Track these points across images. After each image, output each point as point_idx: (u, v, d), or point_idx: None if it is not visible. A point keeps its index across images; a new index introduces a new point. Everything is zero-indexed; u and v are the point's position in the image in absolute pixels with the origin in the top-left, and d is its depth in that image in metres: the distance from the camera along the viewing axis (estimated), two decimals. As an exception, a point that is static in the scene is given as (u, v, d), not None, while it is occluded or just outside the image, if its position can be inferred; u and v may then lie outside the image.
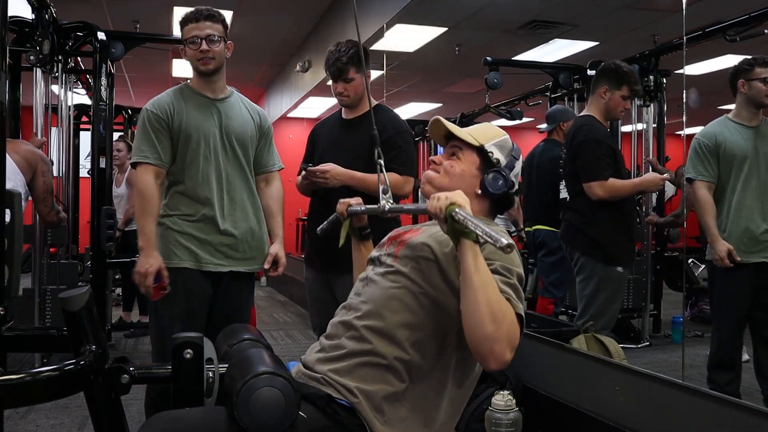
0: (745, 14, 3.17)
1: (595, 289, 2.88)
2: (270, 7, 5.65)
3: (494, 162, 1.50)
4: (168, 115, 2.30)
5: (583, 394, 2.25)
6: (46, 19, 3.77)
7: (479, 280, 1.23)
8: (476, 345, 1.24)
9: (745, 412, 1.66)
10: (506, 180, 1.48)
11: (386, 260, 1.49)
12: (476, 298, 1.23)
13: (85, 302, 1.27)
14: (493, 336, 1.21)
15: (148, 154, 2.27)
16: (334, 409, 1.34)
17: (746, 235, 2.60)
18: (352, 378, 1.37)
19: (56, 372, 1.27)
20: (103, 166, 4.12)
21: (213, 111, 2.37)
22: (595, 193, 2.78)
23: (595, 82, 2.97)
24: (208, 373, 1.33)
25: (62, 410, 3.14)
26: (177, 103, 2.33)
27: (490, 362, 1.24)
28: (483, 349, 1.23)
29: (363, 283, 1.52)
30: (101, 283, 4.03)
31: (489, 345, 1.22)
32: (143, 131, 2.30)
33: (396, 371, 1.37)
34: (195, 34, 2.28)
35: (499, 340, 1.22)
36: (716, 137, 2.65)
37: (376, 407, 1.35)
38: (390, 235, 1.60)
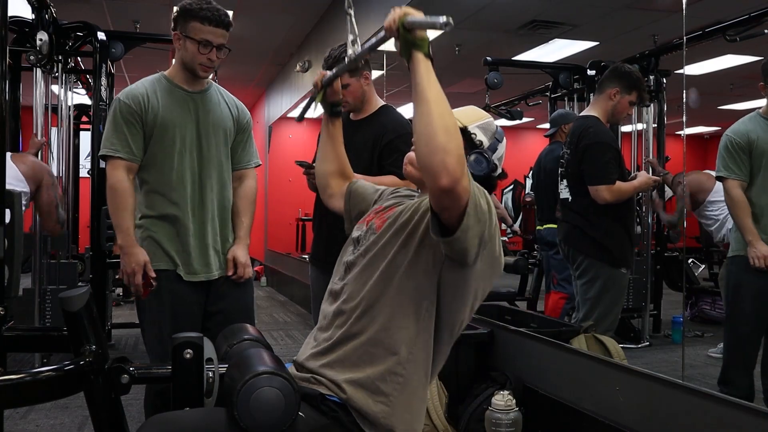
0: (745, 14, 3.17)
1: (600, 291, 2.86)
2: (270, 7, 5.65)
3: (477, 143, 1.49)
4: (142, 108, 2.16)
5: (583, 394, 2.25)
6: (46, 19, 3.77)
7: (432, 93, 1.23)
8: (429, 159, 1.21)
9: (745, 412, 1.66)
10: (488, 162, 1.47)
11: (368, 237, 1.48)
12: (429, 110, 1.22)
13: (85, 302, 1.27)
14: (446, 147, 1.20)
15: (119, 148, 2.14)
16: (328, 406, 1.34)
17: None
18: (342, 370, 1.36)
19: (56, 372, 1.27)
20: (103, 166, 4.11)
21: (190, 104, 2.23)
22: (602, 197, 2.77)
23: (605, 83, 2.92)
24: (208, 373, 1.33)
25: (62, 410, 3.14)
26: (152, 95, 2.19)
27: (442, 177, 1.19)
28: (436, 163, 1.20)
29: (344, 267, 1.50)
30: (101, 283, 4.03)
31: (441, 157, 1.19)
32: (114, 123, 2.15)
33: (384, 347, 1.36)
34: (210, 39, 2.15)
35: (452, 153, 1.20)
36: (748, 135, 2.55)
37: (371, 391, 1.34)
38: (367, 216, 1.58)
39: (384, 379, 1.34)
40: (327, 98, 1.74)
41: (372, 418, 1.33)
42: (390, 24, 1.27)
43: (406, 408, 1.36)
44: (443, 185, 1.19)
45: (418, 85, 1.25)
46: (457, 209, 1.23)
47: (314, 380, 1.38)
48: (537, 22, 4.98)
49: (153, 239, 2.17)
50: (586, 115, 2.98)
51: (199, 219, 2.21)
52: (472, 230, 1.25)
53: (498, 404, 2.32)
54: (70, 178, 4.80)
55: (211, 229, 2.23)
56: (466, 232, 1.24)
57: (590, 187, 2.79)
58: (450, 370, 2.52)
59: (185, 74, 2.24)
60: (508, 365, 2.61)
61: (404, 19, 1.25)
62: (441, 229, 1.26)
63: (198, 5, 2.14)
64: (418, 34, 1.26)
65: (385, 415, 1.33)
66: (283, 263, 7.75)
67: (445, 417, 2.47)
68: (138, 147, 2.16)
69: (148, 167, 2.19)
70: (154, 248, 2.17)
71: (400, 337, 1.35)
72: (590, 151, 2.82)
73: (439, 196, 1.23)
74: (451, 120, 1.24)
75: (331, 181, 1.79)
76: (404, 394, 1.35)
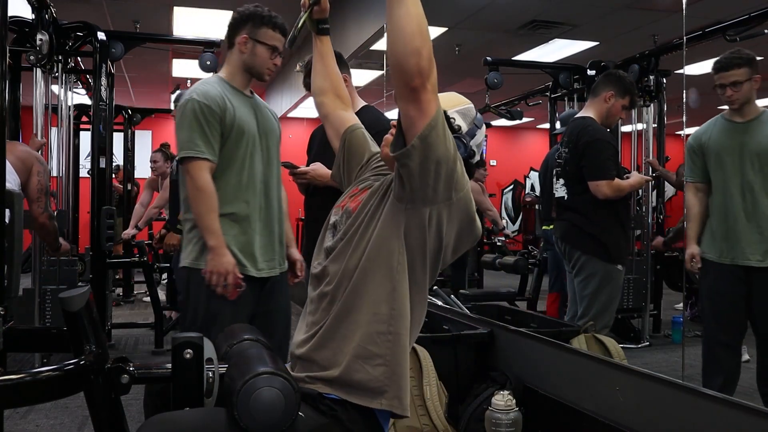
0: (745, 14, 3.16)
1: (597, 287, 2.91)
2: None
3: (455, 128, 1.49)
4: (221, 109, 2.16)
5: (583, 394, 2.25)
6: (46, 19, 3.77)
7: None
8: (404, 60, 1.25)
9: (745, 412, 1.66)
10: (466, 146, 1.48)
11: (344, 221, 1.49)
12: (407, 12, 1.25)
13: (85, 302, 1.27)
14: (420, 51, 1.24)
15: (204, 150, 2.12)
16: (327, 405, 1.34)
17: (729, 237, 2.56)
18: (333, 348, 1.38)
19: (56, 372, 1.27)
20: (103, 166, 4.12)
21: (250, 107, 2.28)
22: (602, 192, 2.84)
23: (600, 86, 3.01)
24: (208, 373, 1.33)
25: (62, 410, 3.14)
26: (225, 97, 2.19)
27: (415, 77, 1.24)
28: (411, 64, 1.24)
29: (324, 252, 1.51)
30: (101, 283, 4.03)
31: (416, 59, 1.24)
32: (196, 123, 2.12)
33: (366, 310, 1.37)
34: (278, 45, 2.25)
35: (425, 56, 1.24)
36: (701, 137, 2.64)
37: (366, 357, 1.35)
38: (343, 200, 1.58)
39: (374, 341, 1.36)
40: (314, 16, 1.75)
41: (376, 384, 1.35)
42: None
43: (400, 363, 1.38)
44: (416, 84, 1.24)
45: None
46: (424, 119, 1.26)
47: (309, 379, 1.39)
48: (537, 22, 4.99)
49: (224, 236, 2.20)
50: (583, 116, 3.05)
51: (264, 218, 2.27)
52: (431, 148, 1.27)
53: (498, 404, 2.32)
54: (70, 178, 4.80)
55: (277, 227, 2.32)
56: (423, 146, 1.27)
57: (590, 182, 2.86)
58: (450, 370, 2.52)
59: (243, 78, 2.27)
60: (508, 365, 2.61)
61: None
62: (403, 145, 1.30)
63: (267, 13, 2.23)
64: None
65: (387, 374, 1.35)
66: (283, 263, 7.73)
67: (445, 417, 2.47)
68: (217, 148, 2.16)
69: (222, 167, 2.19)
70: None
71: (379, 296, 1.37)
72: (591, 148, 2.90)
73: (408, 101, 1.27)
74: (425, 22, 1.27)
75: (325, 100, 1.79)
76: (397, 348, 1.37)
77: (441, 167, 1.30)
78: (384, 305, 1.37)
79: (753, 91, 2.50)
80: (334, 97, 1.78)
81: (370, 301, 1.37)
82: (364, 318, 1.37)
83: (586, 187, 2.88)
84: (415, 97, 1.25)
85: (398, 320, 1.38)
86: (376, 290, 1.37)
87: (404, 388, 1.38)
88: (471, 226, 1.42)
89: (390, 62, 1.29)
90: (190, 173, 2.13)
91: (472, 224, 1.42)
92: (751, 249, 2.49)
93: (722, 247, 2.56)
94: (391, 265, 1.37)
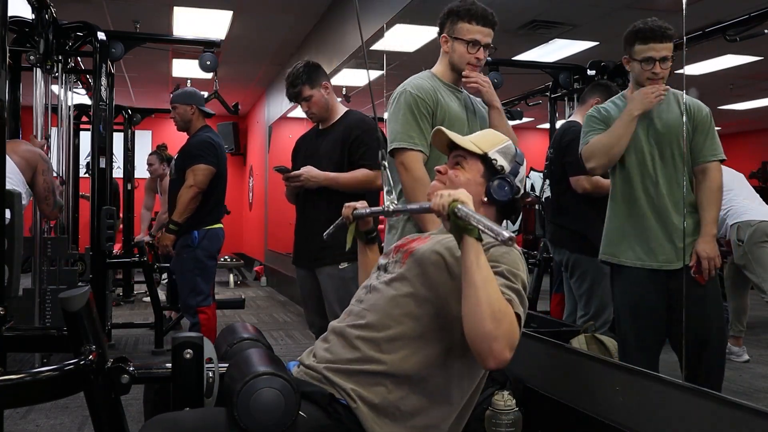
0: (745, 14, 3.16)
1: (592, 283, 2.95)
2: (270, 7, 5.65)
3: (498, 169, 1.50)
4: (434, 102, 2.15)
5: (583, 394, 2.25)
6: (46, 19, 3.77)
7: (481, 277, 1.24)
8: (476, 343, 1.24)
9: (745, 412, 1.66)
10: (511, 186, 1.49)
11: (393, 268, 1.49)
12: (477, 296, 1.23)
13: (85, 302, 1.27)
14: (493, 334, 1.21)
15: (418, 141, 2.11)
16: (335, 408, 1.34)
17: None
18: (350, 381, 1.37)
19: (56, 372, 1.27)
20: (103, 166, 4.12)
21: (463, 104, 2.25)
22: (582, 186, 2.90)
23: (587, 94, 3.15)
24: (208, 373, 1.33)
25: (62, 410, 3.14)
26: (437, 92, 2.18)
27: (489, 361, 1.24)
28: (482, 348, 1.23)
29: (366, 290, 1.52)
30: (101, 283, 4.03)
31: (489, 344, 1.22)
32: (410, 115, 2.11)
33: (392, 379, 1.37)
34: (478, 38, 2.16)
35: (499, 339, 1.22)
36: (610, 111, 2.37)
37: (375, 412, 1.35)
38: (397, 244, 1.60)
39: (387, 408, 1.36)
40: (360, 228, 1.77)
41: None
42: (439, 208, 1.28)
43: None
44: (490, 367, 1.27)
45: (467, 268, 1.25)
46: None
47: (325, 380, 1.39)
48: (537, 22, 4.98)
49: None
50: (570, 120, 3.20)
51: None
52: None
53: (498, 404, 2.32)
54: (70, 178, 4.80)
55: None
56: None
57: (571, 177, 2.94)
58: (450, 370, 2.52)
59: (453, 75, 2.24)
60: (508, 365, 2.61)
61: (454, 207, 1.25)
62: None
63: (465, 6, 2.15)
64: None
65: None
66: (283, 263, 7.74)
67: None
68: (429, 140, 2.10)
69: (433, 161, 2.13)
70: None
71: (411, 376, 1.37)
72: (573, 145, 2.95)
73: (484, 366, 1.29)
74: (499, 305, 1.24)
75: None
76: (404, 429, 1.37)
77: None
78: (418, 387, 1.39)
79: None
80: None
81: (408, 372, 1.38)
82: (391, 388, 1.37)
83: (569, 185, 2.95)
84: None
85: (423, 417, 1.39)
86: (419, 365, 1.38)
87: None
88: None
89: (467, 339, 1.27)
90: (405, 164, 2.11)
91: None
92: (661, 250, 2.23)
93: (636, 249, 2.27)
94: (446, 358, 1.39)
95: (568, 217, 3.05)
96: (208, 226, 3.57)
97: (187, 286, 3.56)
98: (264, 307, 6.82)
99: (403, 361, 1.37)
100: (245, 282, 8.94)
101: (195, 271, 3.54)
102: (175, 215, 3.48)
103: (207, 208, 3.56)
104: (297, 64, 2.77)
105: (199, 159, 3.50)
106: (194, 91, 3.77)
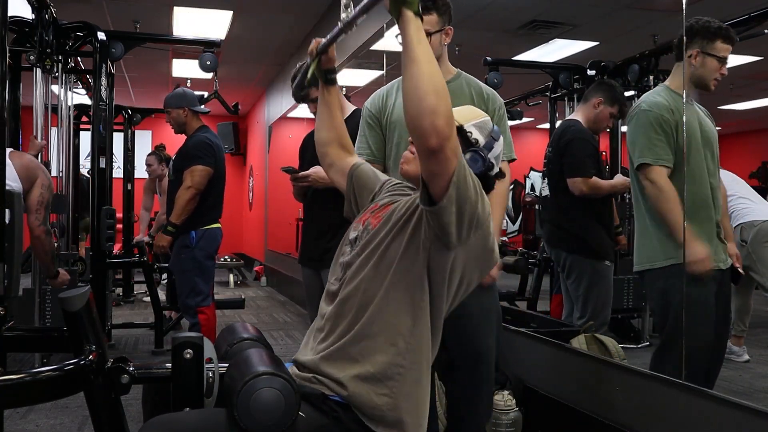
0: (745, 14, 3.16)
1: (589, 285, 2.95)
2: (270, 7, 5.65)
3: (473, 142, 1.48)
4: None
5: (583, 394, 2.25)
6: (46, 19, 3.77)
7: (422, 52, 1.24)
8: (418, 120, 1.23)
9: (745, 412, 1.66)
10: (484, 160, 1.47)
11: (364, 237, 1.48)
12: (420, 71, 1.23)
13: (85, 302, 1.27)
14: (435, 109, 1.21)
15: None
16: (329, 406, 1.34)
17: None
18: (343, 367, 1.36)
19: (56, 372, 1.27)
20: (103, 166, 4.13)
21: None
22: (578, 188, 2.91)
23: (591, 92, 3.12)
24: (208, 373, 1.33)
25: (62, 410, 3.14)
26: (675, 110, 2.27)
27: (431, 137, 1.22)
28: (425, 124, 1.22)
29: (341, 267, 1.50)
30: (101, 283, 4.03)
31: (431, 119, 1.21)
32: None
33: (382, 340, 1.36)
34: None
35: (441, 114, 1.22)
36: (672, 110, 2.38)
37: (373, 385, 1.34)
38: (364, 214, 1.58)
39: (385, 372, 1.35)
40: (322, 66, 1.74)
41: (377, 413, 1.34)
42: None
43: (408, 398, 1.36)
44: (432, 145, 1.22)
45: (407, 45, 1.25)
46: (445, 176, 1.25)
47: (315, 380, 1.38)
48: (537, 22, 4.98)
49: None
50: (569, 118, 3.18)
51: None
52: (457, 202, 1.26)
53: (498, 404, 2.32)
54: (70, 178, 4.80)
55: None
56: (451, 202, 1.26)
57: (568, 179, 2.95)
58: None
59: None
60: (508, 365, 2.61)
61: None
62: (429, 199, 1.28)
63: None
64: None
65: (390, 407, 1.34)
66: (283, 263, 7.75)
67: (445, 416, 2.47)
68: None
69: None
70: None
71: (397, 329, 1.36)
72: (571, 145, 2.99)
73: (427, 159, 1.25)
74: (440, 81, 1.24)
75: (330, 150, 1.78)
76: (406, 384, 1.36)
77: (465, 213, 1.29)
78: (401, 339, 1.36)
79: None
80: (338, 148, 1.77)
81: (387, 331, 1.36)
82: (379, 347, 1.36)
83: (566, 185, 2.95)
84: (434, 158, 1.24)
85: (413, 355, 1.37)
86: (395, 321, 1.36)
87: (408, 423, 1.36)
88: (490, 257, 1.42)
89: (406, 122, 1.27)
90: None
91: (490, 256, 1.42)
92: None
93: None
94: (414, 300, 1.37)
95: (564, 217, 3.06)
96: (205, 226, 3.57)
97: (186, 287, 3.56)
98: (264, 307, 6.82)
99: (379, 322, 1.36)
100: (245, 282, 8.94)
101: (194, 271, 3.54)
102: (173, 217, 3.48)
103: (205, 208, 3.56)
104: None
105: (197, 160, 3.50)
106: (184, 93, 3.74)
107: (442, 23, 2.15)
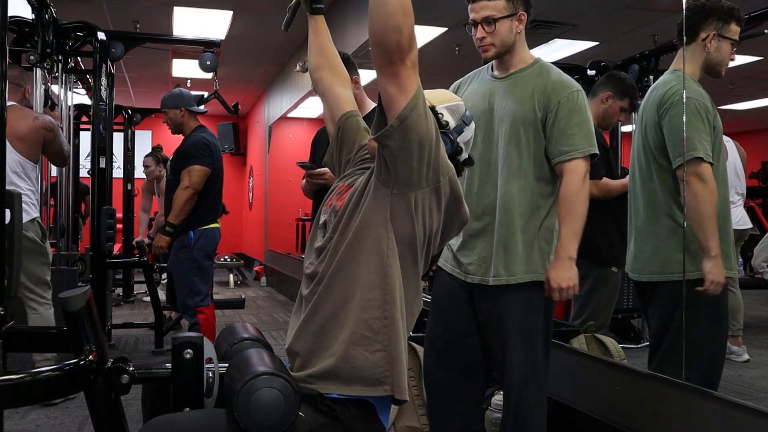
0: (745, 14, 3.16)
1: (590, 290, 2.90)
2: (270, 7, 5.65)
3: (443, 124, 1.48)
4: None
5: (583, 394, 2.25)
6: (46, 19, 3.77)
7: None
8: (383, 36, 1.25)
9: (745, 412, 1.66)
10: (453, 142, 1.47)
11: (332, 220, 1.48)
12: None
13: (85, 302, 1.27)
14: (401, 27, 1.24)
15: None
16: (327, 405, 1.34)
17: None
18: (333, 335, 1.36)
19: (56, 372, 1.27)
20: (103, 166, 4.13)
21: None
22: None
23: (599, 86, 2.99)
24: (208, 373, 1.33)
25: (62, 410, 3.14)
26: None
27: (394, 54, 1.25)
28: (390, 41, 1.25)
29: (316, 252, 1.49)
30: (101, 283, 4.03)
31: (396, 36, 1.24)
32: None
33: (360, 296, 1.36)
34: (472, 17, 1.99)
35: (405, 33, 1.25)
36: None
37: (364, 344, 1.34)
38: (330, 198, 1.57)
39: (370, 327, 1.35)
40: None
41: (377, 371, 1.34)
42: None
43: (398, 348, 1.36)
44: (393, 60, 1.25)
45: None
46: (402, 100, 1.26)
47: (309, 379, 1.38)
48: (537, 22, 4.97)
49: None
50: None
51: None
52: (410, 128, 1.27)
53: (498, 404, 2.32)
54: (70, 178, 4.80)
55: None
56: (403, 126, 1.27)
57: None
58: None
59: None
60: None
61: None
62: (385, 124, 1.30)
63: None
64: None
65: (387, 359, 1.35)
66: (283, 263, 7.75)
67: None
68: None
69: None
70: None
71: (371, 282, 1.36)
72: None
73: (386, 78, 1.27)
74: (409, 4, 1.26)
75: (322, 75, 1.75)
76: (393, 333, 1.36)
77: (424, 149, 1.30)
78: (376, 290, 1.36)
79: None
80: (330, 73, 1.74)
81: (362, 287, 1.36)
82: (357, 304, 1.36)
83: None
84: (394, 72, 1.26)
85: (392, 305, 1.37)
86: (367, 276, 1.36)
87: (403, 373, 1.37)
88: (458, 210, 1.41)
89: (370, 39, 1.28)
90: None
91: (459, 208, 1.41)
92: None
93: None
94: (381, 250, 1.36)
95: None
96: (204, 226, 3.57)
97: (185, 287, 3.56)
98: (264, 307, 6.82)
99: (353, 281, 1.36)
100: (245, 282, 8.94)
101: (192, 271, 3.54)
102: (171, 217, 3.49)
103: (203, 208, 3.57)
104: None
105: (194, 160, 3.50)
106: (180, 93, 3.75)
107: (512, 8, 1.98)
